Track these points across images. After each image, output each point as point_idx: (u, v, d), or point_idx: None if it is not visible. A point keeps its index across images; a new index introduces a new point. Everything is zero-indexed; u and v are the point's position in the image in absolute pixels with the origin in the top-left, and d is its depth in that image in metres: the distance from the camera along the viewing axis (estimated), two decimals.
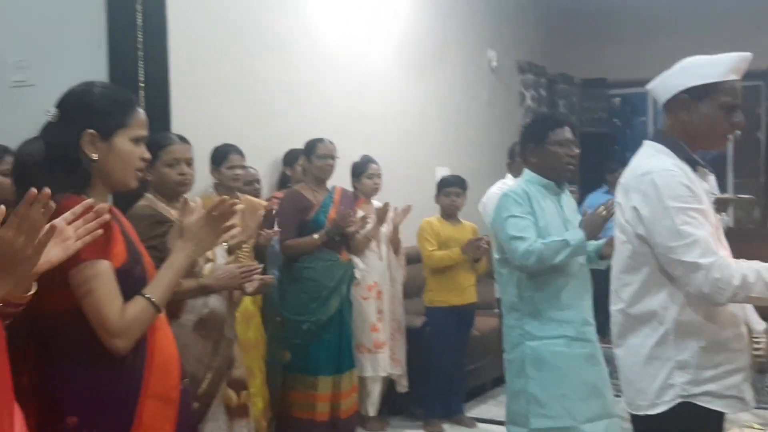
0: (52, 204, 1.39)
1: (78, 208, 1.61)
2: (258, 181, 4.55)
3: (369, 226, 4.69)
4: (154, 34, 4.00)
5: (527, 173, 3.27)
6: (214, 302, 3.02)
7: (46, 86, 4.13)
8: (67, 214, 1.59)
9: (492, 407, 5.31)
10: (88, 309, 1.73)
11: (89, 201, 1.64)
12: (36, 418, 1.69)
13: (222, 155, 4.02)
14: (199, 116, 4.26)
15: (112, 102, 1.87)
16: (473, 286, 4.98)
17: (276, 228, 4.05)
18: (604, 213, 3.10)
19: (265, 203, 4.26)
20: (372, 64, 5.95)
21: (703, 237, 2.08)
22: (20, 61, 4.24)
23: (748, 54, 2.23)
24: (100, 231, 1.65)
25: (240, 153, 4.07)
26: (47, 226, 1.40)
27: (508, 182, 4.80)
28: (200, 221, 1.91)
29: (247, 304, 3.73)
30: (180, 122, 3.96)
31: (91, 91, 1.87)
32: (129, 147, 1.87)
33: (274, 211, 4.22)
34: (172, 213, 2.96)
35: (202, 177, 3.88)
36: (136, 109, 1.90)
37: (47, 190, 1.39)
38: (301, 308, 4.30)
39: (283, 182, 4.97)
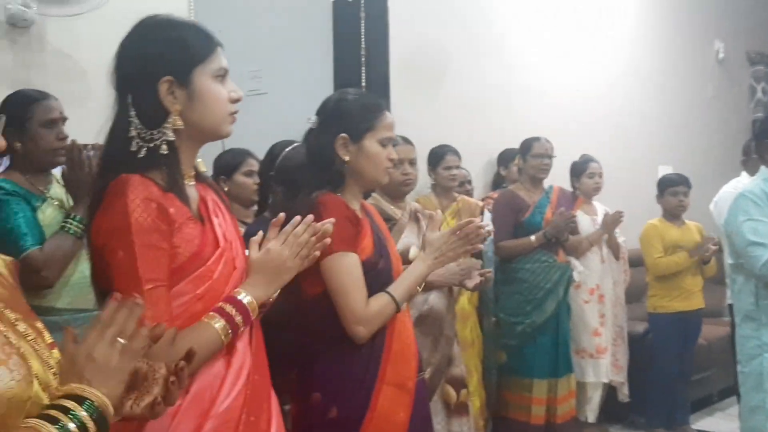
0: (318, 226, 1.60)
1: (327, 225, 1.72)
2: (469, 182, 4.58)
3: (587, 226, 4.56)
4: (376, 41, 4.16)
5: (765, 171, 3.03)
6: (434, 299, 3.08)
7: (277, 93, 4.44)
8: (298, 229, 1.66)
9: (720, 420, 4.99)
10: (335, 296, 1.90)
11: (310, 217, 1.70)
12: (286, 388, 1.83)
13: (439, 156, 4.08)
14: (417, 118, 4.36)
15: (362, 107, 2.03)
16: (700, 291, 4.69)
17: (490, 228, 4.05)
18: None
19: (481, 203, 4.28)
20: (591, 62, 5.80)
21: None
22: (255, 72, 4.56)
23: None
24: (355, 206, 1.89)
25: (456, 153, 4.11)
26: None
27: (744, 181, 4.47)
28: (443, 238, 2.01)
29: (464, 303, 3.76)
30: (399, 124, 4.06)
31: (345, 99, 2.05)
32: (377, 148, 2.01)
33: (487, 213, 4.24)
34: (396, 212, 3.06)
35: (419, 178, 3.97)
36: (384, 113, 2.03)
37: (310, 217, 1.60)
38: (516, 309, 4.26)
39: (498, 182, 4.96)
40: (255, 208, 3.02)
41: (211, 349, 1.46)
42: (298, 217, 1.61)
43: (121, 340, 1.16)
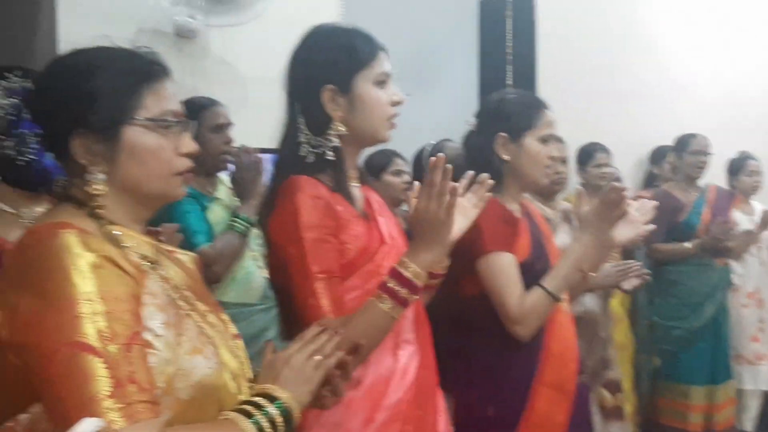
0: (449, 166, 1.49)
1: (465, 182, 1.70)
2: (619, 179, 4.43)
3: (745, 225, 4.32)
4: (523, 39, 4.13)
5: None
6: (589, 301, 3.02)
7: (421, 95, 4.47)
8: (459, 189, 1.62)
9: None
10: (492, 296, 1.88)
11: (471, 173, 1.69)
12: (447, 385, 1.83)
13: (588, 154, 3.99)
14: (565, 116, 4.26)
15: (521, 106, 2.01)
16: None
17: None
18: None
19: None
20: (747, 59, 5.49)
21: None
22: (397, 73, 4.62)
23: None
24: (512, 207, 1.84)
25: (606, 151, 4.00)
26: (450, 188, 1.49)
27: None
28: (592, 211, 1.91)
29: (615, 306, 3.66)
30: None
31: (505, 98, 2.03)
32: (537, 146, 1.98)
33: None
34: (548, 212, 3.02)
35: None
36: (543, 110, 2.00)
37: (441, 155, 1.51)
38: (672, 313, 4.09)
39: (649, 181, 4.79)
40: (404, 208, 3.07)
41: (382, 326, 1.47)
42: (435, 159, 1.51)
43: (318, 357, 1.26)
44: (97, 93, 1.15)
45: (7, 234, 1.77)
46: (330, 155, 1.56)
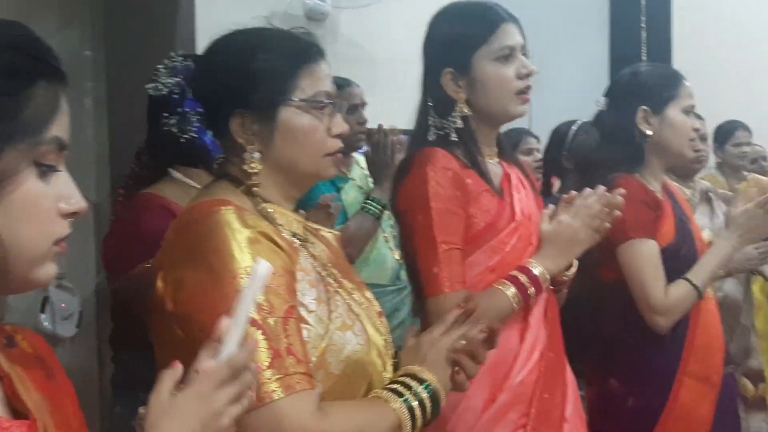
0: (610, 197, 1.55)
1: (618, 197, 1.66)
2: (765, 158, 4.20)
3: None
4: (659, 14, 3.96)
5: None
6: (729, 286, 2.90)
7: (550, 71, 4.38)
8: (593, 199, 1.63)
9: None
10: (632, 285, 1.82)
11: (621, 191, 1.66)
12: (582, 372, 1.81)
13: (727, 132, 3.82)
14: (703, 92, 4.07)
15: (659, 77, 1.96)
16: None
17: None
18: None
19: None
20: None
21: None
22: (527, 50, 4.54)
23: None
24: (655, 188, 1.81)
25: (747, 129, 3.82)
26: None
27: None
28: (748, 213, 1.86)
29: (756, 292, 3.48)
30: None
31: (640, 71, 1.97)
32: (681, 117, 1.92)
33: None
34: (686, 192, 2.90)
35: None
36: (683, 81, 1.94)
37: (601, 187, 1.58)
38: None
39: None
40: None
41: (502, 314, 1.50)
42: (588, 190, 1.60)
43: (463, 342, 1.25)
44: (257, 74, 1.17)
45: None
46: (454, 137, 1.57)
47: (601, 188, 1.61)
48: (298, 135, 1.19)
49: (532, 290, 1.52)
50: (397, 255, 2.49)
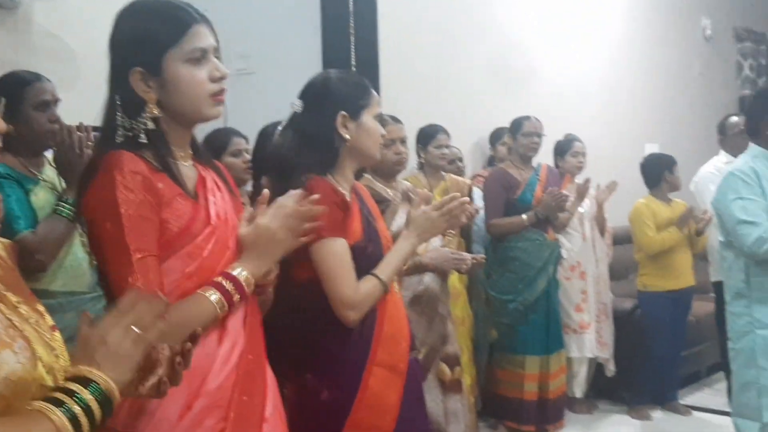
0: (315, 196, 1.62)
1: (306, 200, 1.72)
2: (460, 159, 4.58)
3: (569, 203, 4.59)
4: (365, 20, 4.14)
5: (754, 148, 3.03)
6: (429, 280, 3.11)
7: (265, 73, 4.42)
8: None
9: (708, 396, 5.06)
10: (324, 281, 1.89)
11: (315, 197, 1.72)
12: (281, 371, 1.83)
13: (429, 135, 4.07)
14: (407, 97, 4.36)
15: (355, 85, 2.05)
16: (690, 269, 4.72)
17: (480, 206, 4.09)
18: None
19: (469, 182, 4.29)
20: (581, 41, 5.81)
21: None
22: (242, 51, 4.53)
23: None
24: (343, 189, 1.87)
25: (446, 132, 4.10)
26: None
27: (722, 159, 4.51)
28: (426, 214, 2.01)
29: (454, 282, 3.78)
30: (389, 103, 4.06)
31: (333, 78, 2.04)
32: (374, 124, 2.03)
33: (475, 190, 4.27)
34: (389, 192, 3.06)
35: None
36: (371, 89, 2.04)
37: (295, 191, 1.62)
38: (508, 288, 4.29)
39: (490, 161, 4.98)
40: (249, 188, 3.02)
41: (205, 321, 1.48)
42: (297, 193, 1.66)
43: (136, 329, 1.16)
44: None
45: None
46: (143, 138, 1.52)
47: (295, 192, 1.64)
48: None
49: (237, 297, 1.51)
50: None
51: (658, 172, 4.74)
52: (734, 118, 4.62)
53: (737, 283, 2.98)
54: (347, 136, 1.98)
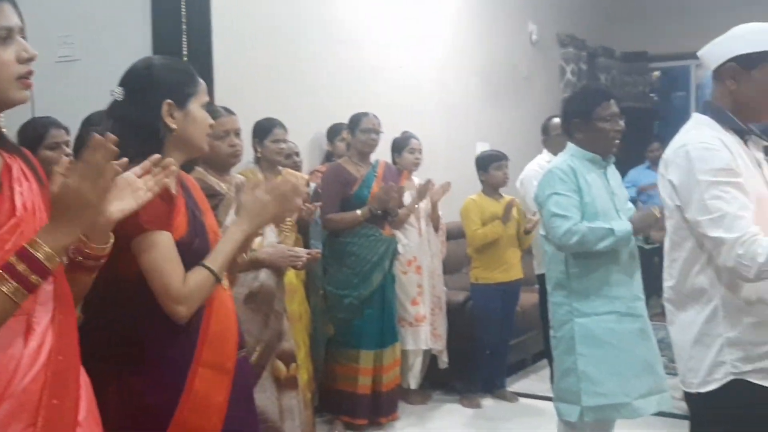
0: (114, 147, 1.41)
1: (147, 163, 1.65)
2: (297, 153, 4.55)
3: (408, 200, 4.69)
4: (198, 8, 4.01)
5: (572, 147, 3.21)
6: (264, 276, 3.06)
7: (90, 60, 4.18)
8: (137, 168, 1.63)
9: (534, 382, 5.32)
10: (150, 277, 1.78)
11: (157, 156, 1.66)
12: (101, 373, 1.72)
13: (266, 129, 4.00)
14: (241, 89, 4.27)
15: (182, 73, 1.94)
16: (519, 262, 4.96)
17: (317, 202, 4.08)
18: (657, 214, 3.00)
19: (306, 177, 4.27)
20: (417, 41, 5.93)
21: (732, 212, 2.01)
22: (66, 37, 4.27)
23: None
24: (168, 181, 1.71)
25: (283, 127, 4.05)
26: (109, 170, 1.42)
27: (545, 158, 4.77)
28: (257, 200, 1.92)
29: (291, 277, 3.75)
30: (224, 95, 3.97)
31: (156, 65, 1.93)
32: (201, 113, 1.93)
33: (312, 186, 4.26)
34: (223, 186, 2.98)
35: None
36: (198, 78, 1.96)
37: (111, 136, 1.42)
38: (344, 283, 4.32)
39: (328, 157, 4.98)
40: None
41: (2, 316, 1.35)
42: (96, 137, 1.44)
43: None
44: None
45: None
46: None
47: (98, 138, 1.42)
48: None
49: (34, 278, 1.35)
50: None
51: (483, 169, 4.93)
52: (556, 120, 4.87)
53: (557, 274, 3.16)
54: (174, 126, 1.89)
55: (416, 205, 4.71)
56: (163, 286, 1.78)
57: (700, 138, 2.13)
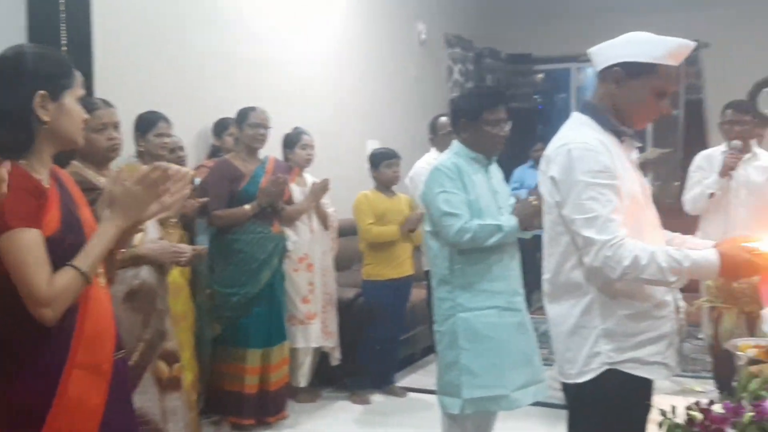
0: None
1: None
2: (181, 148, 4.43)
3: (300, 198, 4.66)
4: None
5: (457, 145, 3.28)
6: (145, 274, 2.97)
7: None
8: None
9: (422, 377, 5.38)
10: (15, 277, 1.69)
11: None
12: None
13: (149, 123, 3.87)
14: (123, 82, 4.14)
15: (55, 62, 1.85)
16: (410, 258, 5.02)
17: (203, 198, 3.99)
18: (535, 202, 3.08)
19: (192, 172, 4.16)
20: (308, 37, 5.90)
21: (605, 214, 2.08)
22: None
23: (691, 43, 2.21)
24: (38, 176, 1.69)
25: (167, 121, 3.93)
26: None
27: (433, 156, 4.84)
28: (128, 191, 1.82)
29: (176, 276, 3.66)
30: (104, 88, 3.83)
31: (28, 53, 1.83)
32: (76, 106, 1.85)
33: (197, 181, 4.17)
34: (101, 180, 2.87)
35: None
36: (74, 70, 1.86)
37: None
38: (231, 281, 4.25)
39: (214, 152, 4.87)
40: None
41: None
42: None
43: None
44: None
45: None
46: None
47: None
48: None
49: None
50: None
51: (375, 167, 4.97)
52: (443, 119, 4.96)
53: (442, 270, 3.21)
54: (46, 118, 1.80)
55: (311, 204, 4.67)
56: (27, 288, 1.69)
57: (582, 138, 2.19)
